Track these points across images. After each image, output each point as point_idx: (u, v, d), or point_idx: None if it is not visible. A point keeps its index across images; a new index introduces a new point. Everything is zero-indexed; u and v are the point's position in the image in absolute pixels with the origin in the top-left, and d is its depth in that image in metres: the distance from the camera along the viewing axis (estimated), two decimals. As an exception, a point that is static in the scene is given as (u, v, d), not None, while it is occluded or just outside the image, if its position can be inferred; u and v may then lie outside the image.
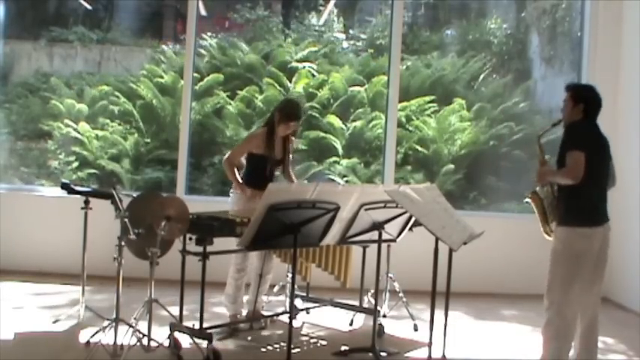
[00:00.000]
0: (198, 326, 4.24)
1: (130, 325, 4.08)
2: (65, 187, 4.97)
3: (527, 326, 5.49)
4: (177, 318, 4.32)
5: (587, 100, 3.99)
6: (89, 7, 9.08)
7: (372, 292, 5.03)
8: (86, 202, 4.78)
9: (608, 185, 4.06)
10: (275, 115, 4.99)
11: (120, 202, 4.16)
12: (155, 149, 8.44)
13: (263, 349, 4.60)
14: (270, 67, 8.73)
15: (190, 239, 4.18)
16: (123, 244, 4.07)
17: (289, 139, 5.09)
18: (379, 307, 4.89)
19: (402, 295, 5.37)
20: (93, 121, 8.41)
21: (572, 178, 3.79)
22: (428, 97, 8.61)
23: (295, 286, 4.07)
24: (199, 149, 8.02)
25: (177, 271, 4.28)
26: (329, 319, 5.38)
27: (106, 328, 4.07)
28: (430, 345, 4.10)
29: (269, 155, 4.94)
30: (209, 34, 9.04)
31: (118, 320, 4.04)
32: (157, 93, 8.53)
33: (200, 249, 4.13)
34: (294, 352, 4.13)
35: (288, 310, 4.60)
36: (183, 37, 8.15)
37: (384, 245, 4.79)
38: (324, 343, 4.81)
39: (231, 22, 9.58)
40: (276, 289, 5.64)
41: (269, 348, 4.61)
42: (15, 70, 8.83)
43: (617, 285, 6.18)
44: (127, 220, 4.01)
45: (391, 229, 4.45)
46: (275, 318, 5.21)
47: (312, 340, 4.88)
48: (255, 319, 5.02)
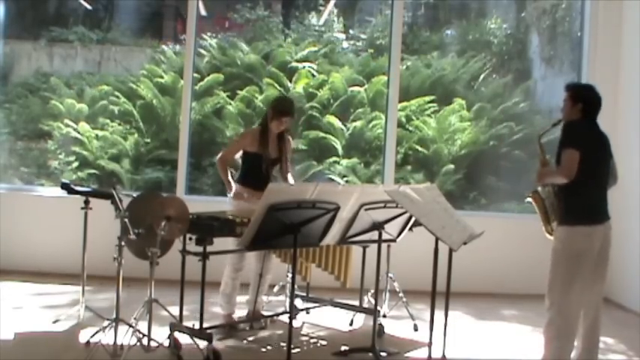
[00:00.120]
0: (198, 326, 4.23)
1: (130, 325, 4.08)
2: (65, 187, 4.97)
3: (527, 326, 5.50)
4: (177, 318, 4.32)
5: (586, 100, 3.98)
6: (89, 7, 9.08)
7: (372, 292, 5.03)
8: (86, 202, 4.78)
9: (609, 183, 4.05)
10: (268, 112, 5.01)
11: (120, 202, 4.16)
12: (155, 149, 8.44)
13: (263, 349, 4.60)
14: (270, 67, 8.73)
15: (190, 239, 4.18)
16: (123, 244, 4.07)
17: (284, 138, 5.07)
18: (379, 307, 4.88)
19: (402, 295, 5.37)
20: (93, 121, 8.41)
21: (564, 176, 3.78)
22: (428, 97, 8.61)
23: (295, 286, 4.06)
24: (199, 149, 8.01)
25: (177, 271, 4.27)
26: (329, 319, 5.38)
27: (106, 328, 4.07)
28: (430, 345, 4.10)
29: (263, 153, 4.94)
30: (209, 34, 9.04)
31: (118, 320, 4.04)
32: (156, 93, 8.53)
33: (200, 249, 4.12)
34: (294, 352, 4.12)
35: (288, 310, 4.60)
36: (183, 37, 8.17)
37: (384, 245, 4.78)
38: (324, 343, 4.81)
39: (231, 22, 9.58)
40: (276, 289, 5.64)
41: (269, 348, 4.61)
42: (15, 70, 8.82)
43: (617, 285, 6.17)
44: (127, 220, 4.01)
45: (391, 229, 4.45)
46: (275, 318, 5.21)
47: (312, 340, 4.88)
48: (255, 319, 5.02)
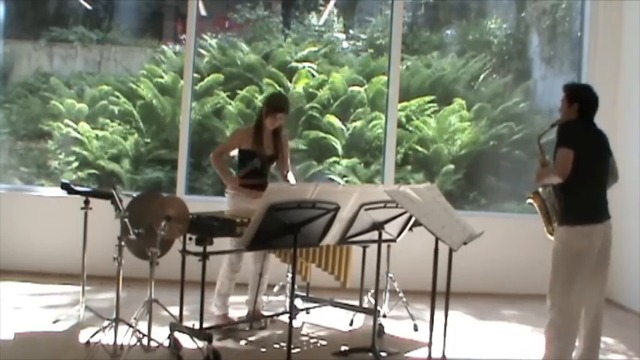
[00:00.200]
0: (198, 326, 4.23)
1: (130, 325, 4.08)
2: (65, 187, 4.97)
3: (527, 326, 5.50)
4: (177, 318, 4.32)
5: (582, 100, 3.98)
6: (89, 7, 9.07)
7: (372, 292, 5.03)
8: (86, 202, 4.78)
9: (608, 182, 4.05)
10: (262, 109, 5.02)
11: (120, 202, 4.16)
12: (155, 149, 8.44)
13: (263, 349, 4.59)
14: (270, 67, 8.73)
15: (190, 239, 4.18)
16: (123, 244, 4.07)
17: (280, 135, 5.06)
18: (379, 307, 4.88)
19: (402, 295, 5.37)
20: (93, 121, 8.41)
21: (558, 175, 3.78)
22: (428, 97, 8.60)
23: (295, 286, 4.06)
24: (199, 149, 8.00)
25: (177, 271, 4.27)
26: (329, 319, 5.38)
27: (106, 328, 4.07)
28: (430, 345, 4.10)
29: (257, 150, 4.93)
30: (209, 34, 9.04)
31: (118, 320, 4.04)
32: (156, 93, 8.53)
33: (200, 249, 4.12)
34: (294, 352, 4.12)
35: (288, 310, 4.60)
36: (183, 37, 8.16)
37: (384, 245, 4.78)
38: (324, 343, 4.81)
39: (231, 22, 9.58)
40: (276, 289, 5.64)
41: (269, 348, 4.61)
42: (15, 70, 8.82)
43: (617, 285, 6.15)
44: (127, 220, 4.01)
45: (391, 229, 4.45)
46: (275, 318, 5.20)
47: (312, 340, 4.87)
48: (255, 319, 5.02)
